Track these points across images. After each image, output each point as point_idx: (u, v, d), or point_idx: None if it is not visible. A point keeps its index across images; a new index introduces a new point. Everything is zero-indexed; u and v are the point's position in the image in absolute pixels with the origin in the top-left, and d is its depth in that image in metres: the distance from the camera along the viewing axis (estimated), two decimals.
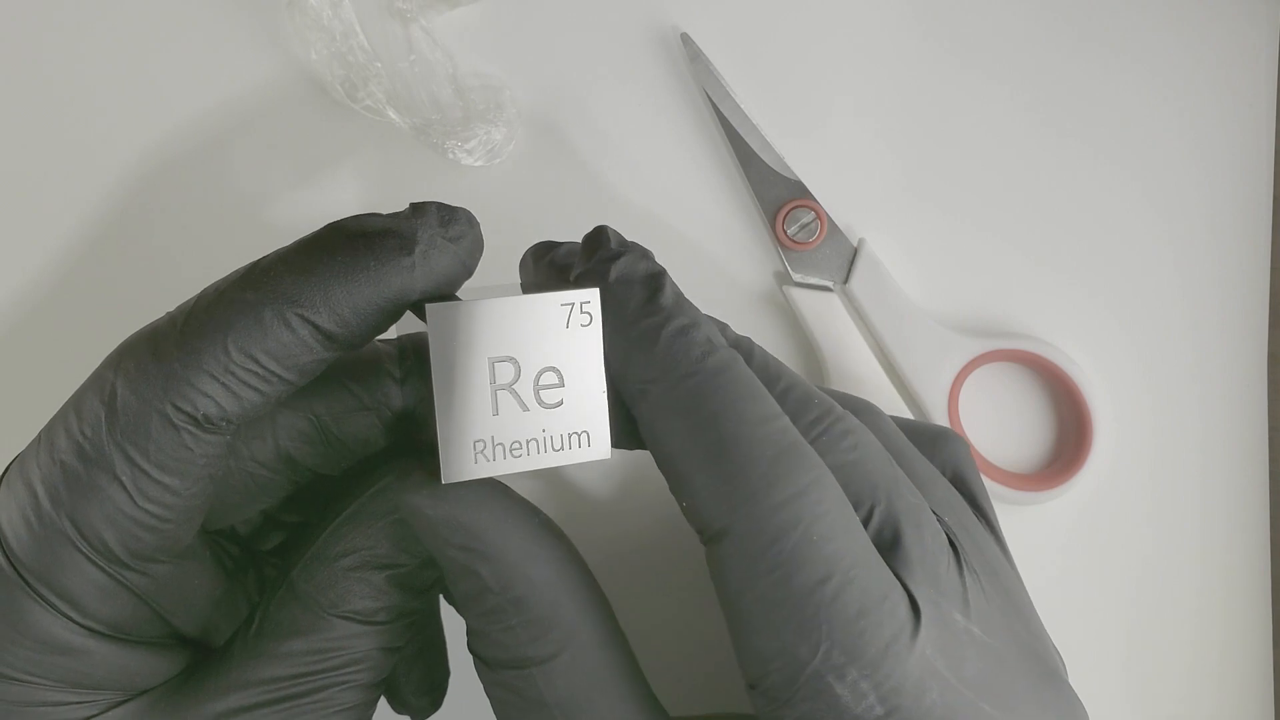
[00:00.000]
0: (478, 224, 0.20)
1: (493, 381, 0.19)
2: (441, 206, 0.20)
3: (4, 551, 0.18)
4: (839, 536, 0.19)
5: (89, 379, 0.19)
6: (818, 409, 0.21)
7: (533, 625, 0.20)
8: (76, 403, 0.19)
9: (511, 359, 0.20)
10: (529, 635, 0.20)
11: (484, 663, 0.21)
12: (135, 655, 0.20)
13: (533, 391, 0.20)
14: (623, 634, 0.21)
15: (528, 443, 0.20)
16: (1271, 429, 0.35)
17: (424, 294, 0.19)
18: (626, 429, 0.21)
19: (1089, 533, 0.34)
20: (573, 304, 0.20)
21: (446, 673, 0.27)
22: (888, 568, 0.19)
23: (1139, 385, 0.34)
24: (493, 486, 0.21)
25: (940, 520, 0.21)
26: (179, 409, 0.18)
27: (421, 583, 0.22)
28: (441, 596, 0.26)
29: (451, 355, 0.19)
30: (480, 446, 0.19)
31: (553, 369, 0.20)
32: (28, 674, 0.19)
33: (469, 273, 0.20)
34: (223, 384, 0.18)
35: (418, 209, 0.20)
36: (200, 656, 0.22)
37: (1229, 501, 0.35)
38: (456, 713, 0.27)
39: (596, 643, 0.20)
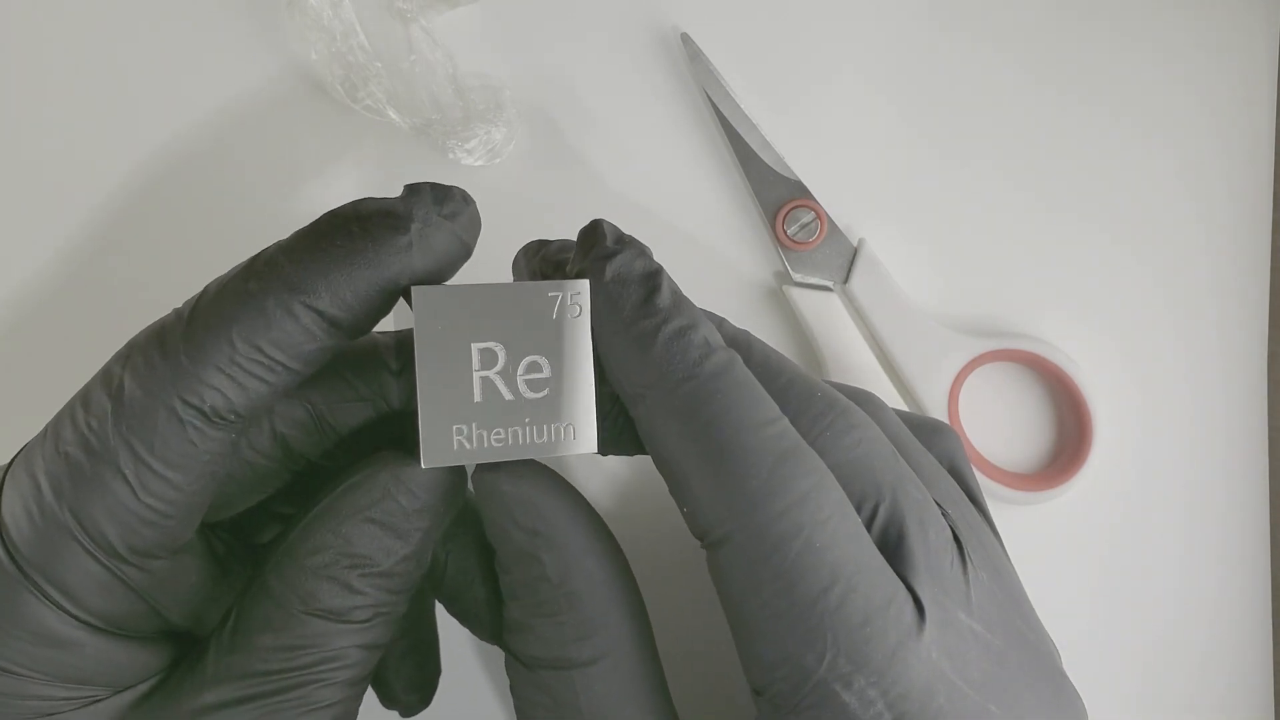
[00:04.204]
0: (473, 201, 0.20)
1: (477, 368, 0.19)
2: (435, 186, 0.20)
3: (5, 543, 0.18)
4: (841, 543, 0.19)
5: (97, 374, 0.19)
6: (821, 404, 0.21)
7: (582, 624, 0.20)
8: (84, 396, 0.19)
9: (497, 346, 0.19)
10: (576, 634, 0.20)
11: (521, 662, 0.21)
12: (125, 649, 0.20)
13: (518, 380, 0.20)
14: (657, 650, 0.21)
15: (511, 431, 0.20)
16: (1272, 429, 0.35)
17: (424, 274, 0.19)
18: (628, 433, 0.21)
19: (1089, 533, 0.34)
20: (562, 294, 0.20)
21: (438, 670, 0.27)
22: (891, 571, 0.19)
23: (1139, 385, 0.34)
24: (561, 478, 0.21)
25: (945, 514, 0.21)
26: (186, 403, 0.18)
27: (400, 582, 0.21)
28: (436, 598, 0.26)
29: (436, 339, 0.19)
30: (461, 431, 0.19)
31: (540, 359, 0.20)
32: (20, 666, 0.19)
33: (468, 250, 0.20)
34: (229, 376, 0.18)
35: (412, 189, 0.20)
36: (187, 651, 0.21)
37: (1229, 501, 0.35)
38: (446, 710, 0.27)
39: (636, 655, 0.20)
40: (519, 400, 0.20)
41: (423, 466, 0.19)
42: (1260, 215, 0.35)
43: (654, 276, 0.20)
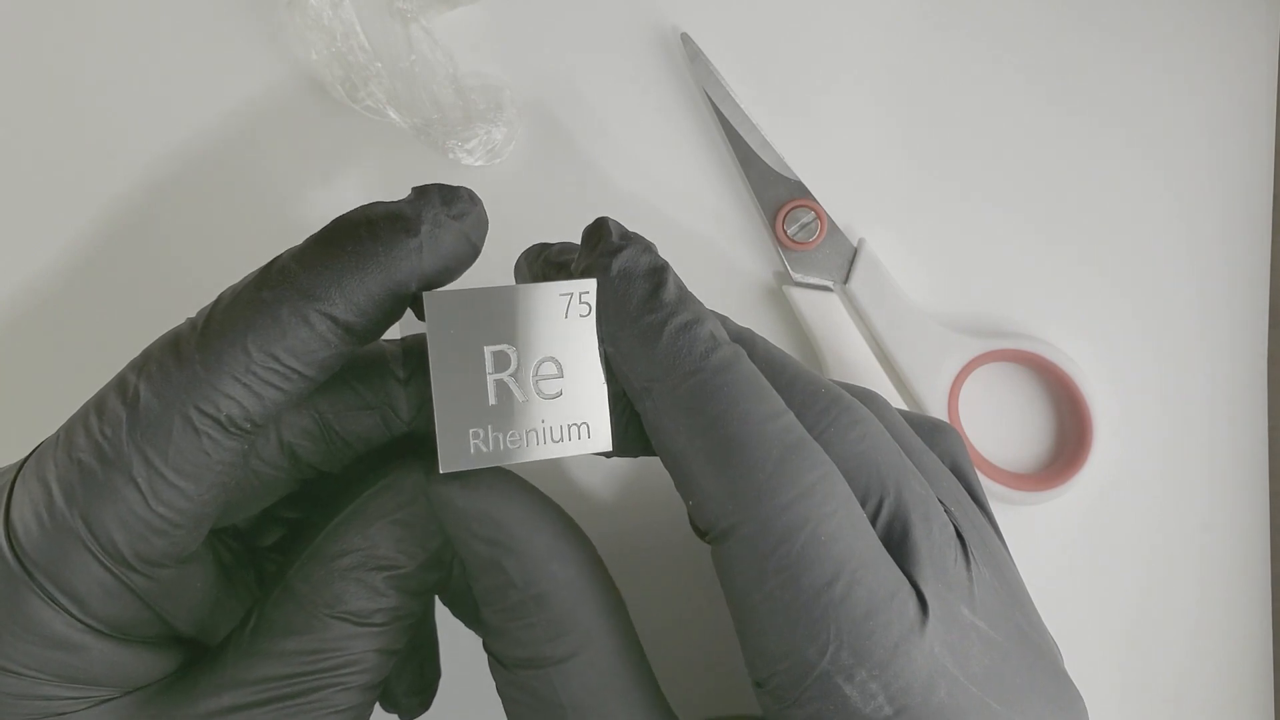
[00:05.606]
0: (480, 202, 0.20)
1: (490, 371, 0.19)
2: (443, 187, 0.20)
3: (13, 546, 0.18)
4: (846, 536, 0.19)
5: (111, 381, 0.19)
6: (825, 398, 0.21)
7: (553, 624, 0.20)
8: (98, 403, 0.19)
9: (509, 349, 0.19)
10: (548, 634, 0.20)
11: (500, 663, 0.21)
12: (132, 653, 0.20)
13: (531, 382, 0.20)
14: (638, 639, 0.21)
15: (526, 433, 0.20)
16: (1271, 429, 0.35)
17: (434, 274, 0.19)
18: (634, 429, 0.21)
19: (1089, 533, 0.34)
20: (571, 294, 0.20)
21: (438, 673, 0.27)
22: (895, 565, 0.19)
23: (1138, 385, 0.34)
24: (520, 482, 0.21)
25: (947, 511, 0.21)
26: (202, 412, 0.18)
27: (420, 585, 0.21)
28: (437, 598, 0.26)
29: (449, 344, 0.19)
30: (477, 436, 0.19)
31: (551, 359, 0.20)
32: (27, 668, 0.19)
33: (476, 250, 0.20)
34: (244, 384, 0.18)
35: (420, 192, 0.20)
36: (196, 655, 0.22)
37: (1229, 501, 0.35)
38: (446, 713, 0.27)
39: (613, 646, 0.20)
40: (532, 401, 0.20)
41: (440, 472, 0.19)
42: (1260, 216, 0.35)
43: (659, 272, 0.20)
